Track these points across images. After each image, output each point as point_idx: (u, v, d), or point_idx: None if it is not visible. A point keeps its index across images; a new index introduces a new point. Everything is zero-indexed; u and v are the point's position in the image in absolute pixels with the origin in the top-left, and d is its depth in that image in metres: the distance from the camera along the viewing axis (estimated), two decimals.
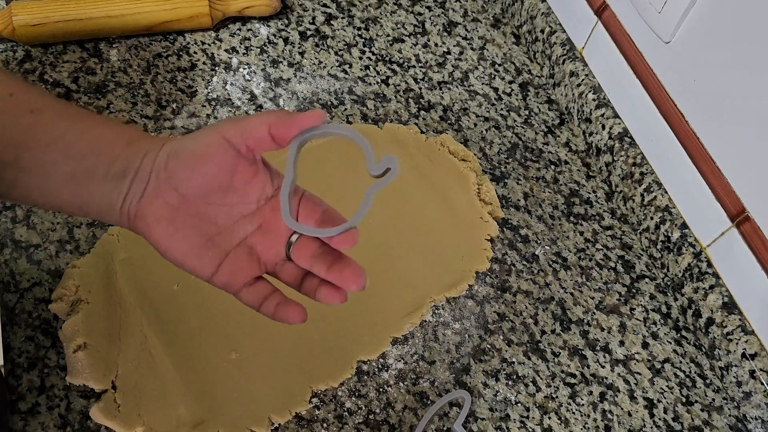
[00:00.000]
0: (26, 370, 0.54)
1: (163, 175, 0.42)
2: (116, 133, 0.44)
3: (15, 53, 0.71)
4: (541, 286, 0.68)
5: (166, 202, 0.43)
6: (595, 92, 0.78)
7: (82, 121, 0.44)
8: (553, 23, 0.83)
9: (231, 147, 0.42)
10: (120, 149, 0.43)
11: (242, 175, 0.43)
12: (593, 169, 0.78)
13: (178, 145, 0.43)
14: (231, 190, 0.43)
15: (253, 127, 0.42)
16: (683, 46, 0.67)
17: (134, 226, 0.44)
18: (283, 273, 0.46)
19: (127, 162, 0.43)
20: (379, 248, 0.65)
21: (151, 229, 0.43)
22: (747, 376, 0.62)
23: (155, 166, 0.43)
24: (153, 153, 0.43)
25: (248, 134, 0.42)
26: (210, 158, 0.42)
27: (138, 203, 0.43)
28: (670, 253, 0.70)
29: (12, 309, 0.56)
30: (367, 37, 0.83)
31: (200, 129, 0.44)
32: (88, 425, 0.52)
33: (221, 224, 0.44)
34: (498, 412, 0.60)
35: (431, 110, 0.78)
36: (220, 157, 0.42)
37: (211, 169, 0.42)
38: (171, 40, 0.76)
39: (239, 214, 0.44)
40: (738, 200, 0.63)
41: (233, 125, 0.42)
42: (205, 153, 0.42)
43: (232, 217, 0.44)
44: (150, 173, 0.43)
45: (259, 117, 0.42)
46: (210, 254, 0.44)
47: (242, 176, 0.43)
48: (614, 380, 0.64)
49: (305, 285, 0.45)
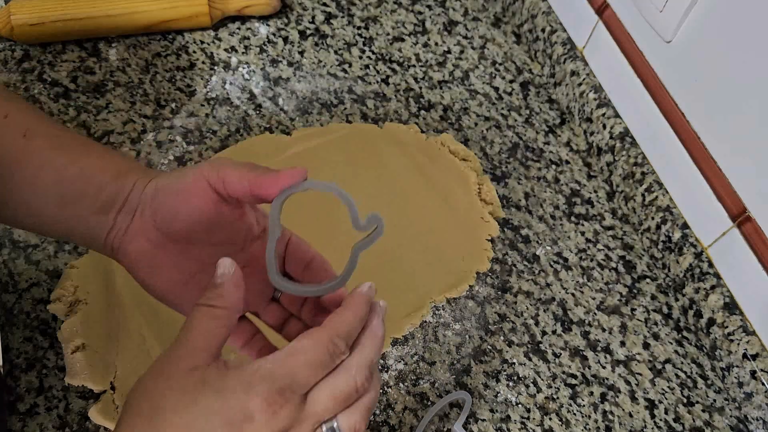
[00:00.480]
0: (25, 370, 0.53)
1: (147, 213, 0.42)
2: (107, 163, 0.44)
3: (13, 53, 0.71)
4: (542, 287, 0.68)
5: (149, 239, 0.42)
6: (596, 92, 0.78)
7: (74, 149, 0.44)
8: (553, 22, 0.83)
9: (214, 190, 0.41)
10: (109, 180, 0.43)
11: (227, 216, 0.43)
12: (594, 169, 0.78)
13: (163, 183, 0.42)
14: (216, 229, 0.43)
15: (234, 181, 0.41)
16: (684, 45, 0.67)
17: (117, 258, 0.43)
18: (267, 314, 0.45)
19: (115, 194, 0.42)
20: (379, 248, 0.65)
21: (133, 265, 0.43)
22: (748, 376, 0.62)
23: (140, 202, 0.42)
24: (139, 188, 0.43)
25: (229, 186, 0.41)
26: (193, 200, 0.41)
27: (122, 237, 0.42)
28: (671, 254, 0.69)
29: (10, 309, 0.56)
30: (367, 36, 0.83)
31: (185, 168, 0.43)
32: (87, 426, 0.52)
33: (205, 262, 0.43)
34: (498, 413, 0.59)
35: (431, 110, 0.78)
36: (203, 200, 0.41)
37: (194, 211, 0.41)
38: (170, 40, 0.76)
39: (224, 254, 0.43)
40: (739, 200, 0.63)
41: (216, 171, 0.41)
42: (188, 195, 0.41)
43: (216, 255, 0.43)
44: (135, 209, 0.42)
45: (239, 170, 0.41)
46: (191, 292, 0.43)
47: (227, 218, 0.43)
48: (615, 381, 0.64)
49: (288, 328, 0.45)
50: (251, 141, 0.70)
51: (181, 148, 0.68)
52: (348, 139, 0.72)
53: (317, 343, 0.37)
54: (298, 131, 0.72)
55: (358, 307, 0.39)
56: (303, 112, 0.74)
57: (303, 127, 0.73)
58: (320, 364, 0.36)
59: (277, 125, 0.72)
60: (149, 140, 0.68)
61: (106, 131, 0.67)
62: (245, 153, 0.68)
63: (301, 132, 0.72)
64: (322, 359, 0.36)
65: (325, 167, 0.69)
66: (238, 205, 0.43)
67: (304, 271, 0.45)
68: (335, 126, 0.73)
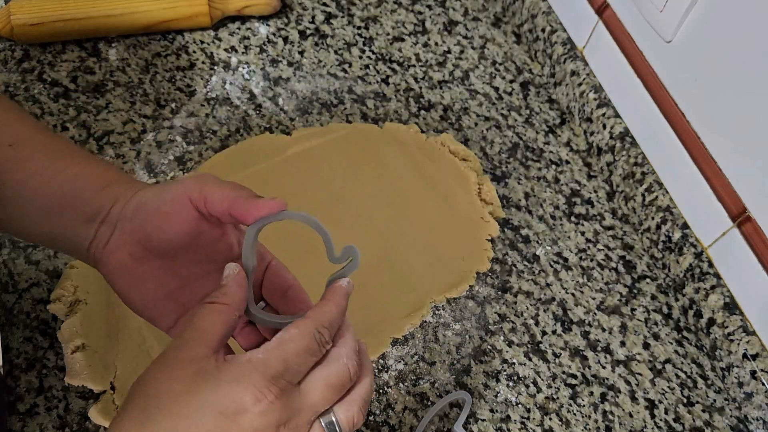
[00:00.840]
0: (25, 370, 0.53)
1: (128, 228, 0.42)
2: (93, 174, 0.44)
3: (13, 53, 0.71)
4: (542, 287, 0.68)
5: (129, 253, 0.42)
6: (596, 92, 0.78)
7: (61, 159, 0.44)
8: (553, 22, 0.83)
9: (195, 209, 0.41)
10: (94, 192, 0.43)
11: (208, 234, 0.43)
12: (594, 169, 0.78)
13: (146, 198, 0.42)
14: (197, 246, 0.43)
15: (215, 200, 0.41)
16: (685, 45, 0.67)
17: (99, 268, 0.43)
18: (241, 337, 0.45)
19: (99, 206, 0.42)
20: (378, 248, 0.65)
21: (113, 277, 0.43)
22: (748, 376, 0.62)
23: (121, 216, 0.42)
24: (122, 201, 0.43)
25: (210, 205, 0.41)
26: (174, 218, 0.41)
27: (103, 249, 0.42)
28: (671, 254, 0.69)
29: (10, 309, 0.56)
30: (367, 36, 0.83)
31: (168, 183, 0.43)
32: (87, 426, 0.52)
33: (185, 278, 0.43)
34: (498, 413, 0.59)
35: (431, 109, 0.78)
36: (184, 218, 0.41)
37: (174, 228, 0.41)
38: (170, 40, 0.76)
39: (204, 272, 0.44)
40: (739, 200, 0.63)
41: (198, 189, 0.41)
42: (168, 212, 0.41)
43: (196, 273, 0.43)
44: (116, 222, 0.42)
45: (222, 190, 0.41)
46: (170, 307, 0.43)
47: (208, 236, 0.43)
48: (615, 381, 0.64)
49: None
50: (251, 141, 0.70)
51: (181, 148, 0.68)
52: (348, 139, 0.72)
53: (304, 332, 0.38)
54: (298, 131, 0.72)
55: (338, 299, 0.40)
56: (303, 112, 0.74)
57: (303, 127, 0.73)
58: (309, 351, 0.37)
59: (277, 125, 0.72)
60: (149, 140, 0.68)
61: (106, 131, 0.67)
62: (245, 153, 0.68)
63: (301, 132, 0.71)
64: (311, 346, 0.37)
65: (325, 167, 0.69)
66: (219, 224, 0.43)
67: (280, 299, 0.45)
68: (335, 126, 0.73)
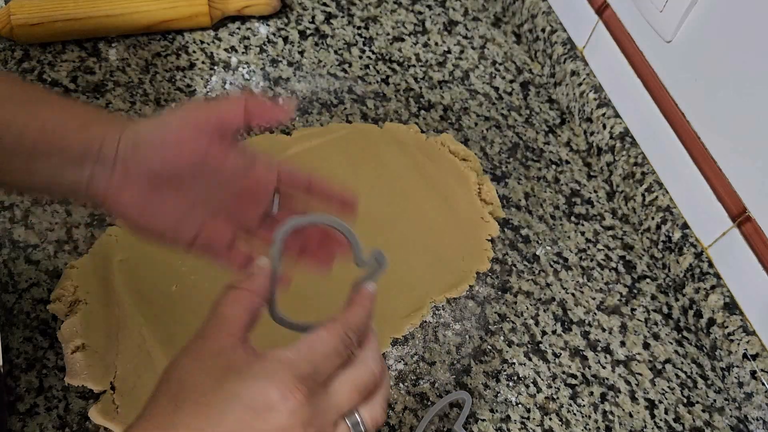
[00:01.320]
0: (25, 370, 0.53)
1: (132, 164, 0.42)
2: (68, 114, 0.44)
3: (13, 53, 0.71)
4: (542, 287, 0.68)
5: (138, 189, 0.43)
6: (596, 92, 0.78)
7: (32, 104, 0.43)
8: (553, 22, 0.83)
9: (202, 134, 0.43)
10: (72, 132, 0.43)
11: (215, 157, 0.44)
12: (594, 169, 0.78)
13: (145, 132, 0.43)
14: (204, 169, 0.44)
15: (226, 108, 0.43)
16: (685, 45, 0.67)
17: (105, 207, 0.44)
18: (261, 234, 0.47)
19: (84, 147, 0.42)
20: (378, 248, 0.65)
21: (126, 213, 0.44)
22: (748, 376, 0.62)
23: (119, 154, 0.42)
24: (112, 139, 0.43)
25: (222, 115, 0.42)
26: (183, 146, 0.42)
27: (106, 189, 0.43)
28: (671, 254, 0.69)
29: (10, 309, 0.56)
30: (367, 36, 0.83)
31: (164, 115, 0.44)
32: (87, 426, 0.52)
33: (196, 197, 0.45)
34: (498, 413, 0.59)
35: (431, 109, 0.78)
36: (193, 145, 0.43)
37: (184, 156, 0.43)
38: (170, 40, 0.76)
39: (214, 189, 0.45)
40: (739, 200, 0.63)
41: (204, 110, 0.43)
42: (176, 141, 0.42)
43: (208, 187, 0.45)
44: (114, 160, 0.42)
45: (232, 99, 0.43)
46: (184, 228, 0.45)
47: (215, 158, 0.44)
48: (615, 381, 0.64)
49: None
50: (251, 141, 0.70)
51: None
52: (348, 139, 0.72)
53: (333, 335, 0.39)
54: (298, 131, 0.72)
55: (366, 303, 0.42)
56: (303, 112, 0.74)
57: (303, 127, 0.73)
58: (337, 353, 0.38)
59: (277, 125, 0.72)
60: None
61: None
62: None
63: (301, 132, 0.71)
64: (339, 349, 0.38)
65: (325, 167, 0.69)
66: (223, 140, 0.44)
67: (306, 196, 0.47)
68: (335, 126, 0.73)
